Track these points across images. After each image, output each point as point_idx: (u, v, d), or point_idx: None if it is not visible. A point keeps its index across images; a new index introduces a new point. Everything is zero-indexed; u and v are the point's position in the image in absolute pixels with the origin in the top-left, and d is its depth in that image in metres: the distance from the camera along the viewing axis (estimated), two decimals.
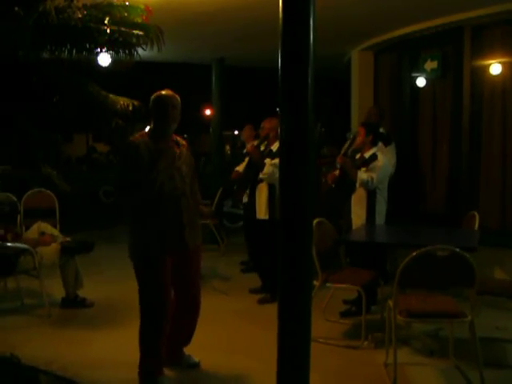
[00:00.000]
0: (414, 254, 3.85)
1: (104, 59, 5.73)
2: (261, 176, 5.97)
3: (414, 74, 7.40)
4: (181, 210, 3.94)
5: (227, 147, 17.77)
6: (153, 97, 3.98)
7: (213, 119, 9.99)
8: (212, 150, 10.04)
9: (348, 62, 8.97)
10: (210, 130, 10.05)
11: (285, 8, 3.32)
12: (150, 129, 3.98)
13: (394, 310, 3.97)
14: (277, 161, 5.79)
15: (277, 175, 5.77)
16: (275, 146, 5.94)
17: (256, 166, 6.05)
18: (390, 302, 4.07)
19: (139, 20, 4.20)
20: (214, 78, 9.53)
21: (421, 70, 7.24)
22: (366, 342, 4.75)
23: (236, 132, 20.63)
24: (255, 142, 6.39)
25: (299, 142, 3.23)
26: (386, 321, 4.30)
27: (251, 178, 6.09)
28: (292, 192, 3.24)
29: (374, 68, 8.27)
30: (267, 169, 5.89)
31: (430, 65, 7.09)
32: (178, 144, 4.05)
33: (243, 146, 7.43)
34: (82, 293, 5.86)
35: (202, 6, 6.15)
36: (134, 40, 3.96)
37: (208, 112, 17.85)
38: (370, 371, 4.30)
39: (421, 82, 7.34)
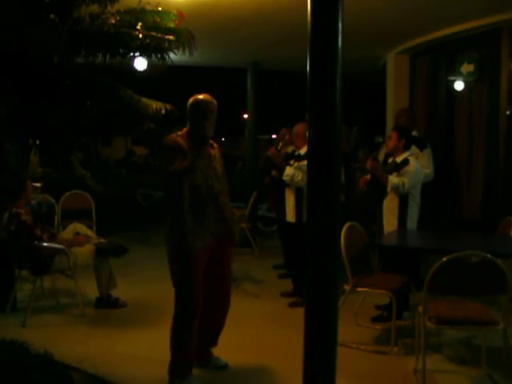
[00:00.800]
0: (444, 259, 3.81)
1: (140, 63, 5.84)
2: (283, 178, 6.00)
3: (450, 77, 7.31)
4: (221, 208, 4.05)
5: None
6: (190, 101, 4.07)
7: (248, 123, 10.02)
8: (247, 154, 10.07)
9: (384, 66, 8.91)
10: (246, 133, 10.09)
11: (313, 11, 3.32)
12: (186, 131, 4.08)
13: (424, 315, 3.93)
14: (302, 163, 5.81)
15: (298, 178, 5.80)
16: (304, 150, 5.95)
17: (281, 169, 6.10)
18: (420, 308, 4.02)
19: (172, 25, 4.27)
20: (249, 82, 9.56)
21: (457, 73, 7.15)
22: (395, 348, 4.70)
23: (274, 136, 20.66)
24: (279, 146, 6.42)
25: (327, 145, 3.23)
26: (416, 327, 4.26)
27: (280, 182, 6.11)
28: (319, 195, 3.25)
29: (409, 71, 8.19)
30: (288, 170, 5.92)
31: (467, 68, 6.99)
32: (212, 146, 4.15)
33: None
34: (115, 293, 5.95)
35: (235, 11, 6.19)
36: (166, 45, 4.01)
37: (246, 116, 17.96)
38: (399, 377, 4.26)
39: (457, 85, 7.25)
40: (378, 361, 4.57)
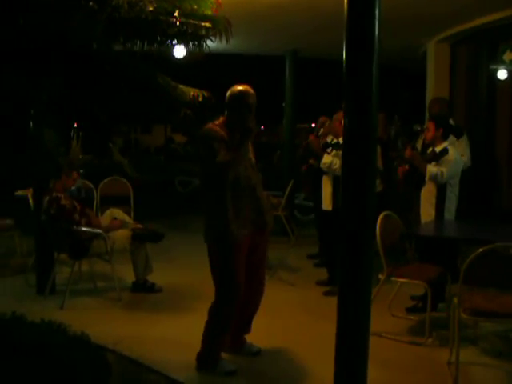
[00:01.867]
0: (480, 250, 3.75)
1: (179, 51, 5.87)
2: (320, 165, 5.98)
3: (492, 66, 7.15)
4: (258, 197, 4.09)
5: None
6: (229, 92, 4.10)
7: (285, 111, 9.99)
8: (284, 143, 10.04)
9: (424, 55, 8.76)
10: (283, 122, 10.06)
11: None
12: (224, 120, 4.10)
13: (459, 307, 3.88)
14: (339, 152, 5.78)
15: (336, 166, 5.77)
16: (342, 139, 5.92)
17: (317, 156, 6.08)
18: (455, 299, 3.97)
19: (209, 12, 4.25)
20: (287, 70, 9.51)
21: (499, 62, 6.99)
22: (430, 339, 4.66)
23: (313, 125, 20.55)
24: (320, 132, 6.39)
25: (362, 134, 3.21)
26: (450, 318, 4.21)
27: (317, 170, 6.09)
28: (354, 183, 3.23)
29: (450, 60, 8.04)
30: (326, 158, 5.90)
31: (510, 56, 6.83)
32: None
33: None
34: (151, 278, 6.04)
35: None
36: (203, 32, 4.00)
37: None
38: (432, 369, 4.22)
39: (499, 73, 7.09)
40: (412, 352, 4.53)
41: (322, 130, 6.31)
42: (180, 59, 6.11)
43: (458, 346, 3.88)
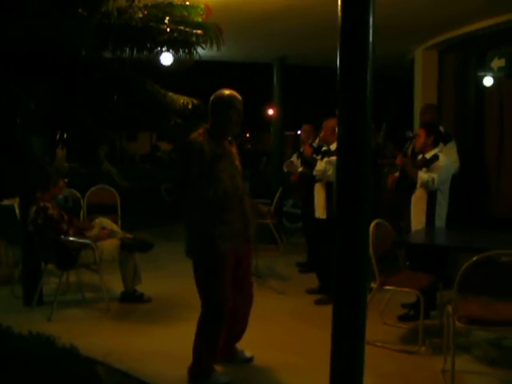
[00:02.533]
0: (475, 258, 3.72)
1: (166, 58, 5.82)
2: (314, 173, 5.95)
3: (481, 73, 7.18)
4: (245, 208, 3.99)
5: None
6: (213, 96, 4.00)
7: (274, 118, 9.97)
8: (273, 150, 10.01)
9: (411, 62, 8.78)
10: (271, 129, 10.04)
11: (343, 5, 3.26)
12: (208, 128, 3.99)
13: (453, 315, 3.85)
14: (332, 158, 5.76)
15: (329, 172, 5.75)
16: (334, 146, 5.90)
17: (311, 164, 6.05)
18: (449, 308, 3.95)
19: (199, 19, 4.21)
20: (275, 77, 9.49)
21: (487, 69, 7.02)
22: (423, 348, 4.63)
23: (299, 132, 20.57)
24: (310, 141, 6.39)
25: (357, 141, 3.18)
26: (444, 326, 4.18)
27: (309, 177, 6.06)
28: (349, 192, 3.20)
29: (438, 67, 8.06)
30: (319, 165, 5.87)
31: (498, 63, 6.86)
32: (230, 143, 4.10)
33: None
34: (140, 288, 5.96)
35: (264, 5, 6.15)
36: (194, 39, 3.96)
37: (271, 112, 17.87)
38: (427, 377, 4.19)
39: (487, 80, 7.11)
40: (405, 360, 4.50)
41: (316, 140, 6.29)
42: (167, 67, 6.05)
43: (453, 354, 3.84)
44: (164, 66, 5.55)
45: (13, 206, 6.18)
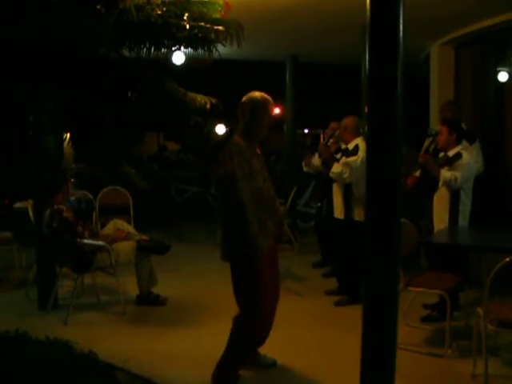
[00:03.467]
0: (508, 259, 3.61)
1: (178, 57, 5.71)
2: (330, 175, 5.83)
3: (500, 68, 7.04)
4: (277, 209, 3.95)
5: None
6: (246, 98, 3.90)
7: (286, 117, 9.86)
8: (286, 149, 9.90)
9: (426, 58, 8.65)
10: (284, 128, 9.93)
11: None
12: (241, 129, 3.89)
13: (485, 318, 3.74)
14: (349, 159, 5.65)
15: (346, 175, 5.62)
16: (352, 145, 5.79)
17: (326, 164, 5.94)
18: (480, 310, 3.83)
19: (218, 16, 4.12)
20: (287, 76, 9.39)
21: (507, 64, 6.88)
22: (449, 351, 4.51)
23: (306, 130, 20.45)
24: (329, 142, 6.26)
25: (388, 140, 3.07)
26: (472, 328, 4.07)
27: (325, 177, 5.95)
28: (380, 192, 3.09)
29: (454, 63, 7.92)
30: (336, 168, 5.74)
31: None
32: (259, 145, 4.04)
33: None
34: (155, 290, 5.87)
35: (280, 2, 6.06)
36: (213, 36, 3.87)
37: (277, 110, 17.75)
38: (456, 382, 4.08)
39: (508, 75, 6.96)
40: (432, 363, 4.38)
41: (331, 140, 6.16)
42: (183, 65, 5.96)
43: (486, 358, 3.73)
44: (179, 65, 5.46)
45: (26, 209, 6.09)
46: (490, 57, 7.18)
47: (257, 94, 3.90)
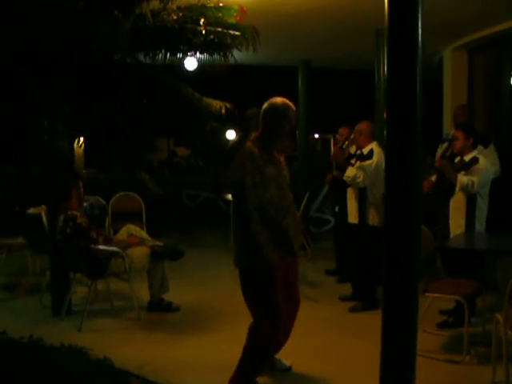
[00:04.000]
0: None
1: (191, 63, 5.70)
2: (344, 178, 5.80)
3: None
4: (288, 221, 3.84)
5: None
6: (267, 105, 3.86)
7: (298, 122, 9.83)
8: (299, 154, 9.88)
9: (439, 62, 8.60)
10: (297, 133, 9.91)
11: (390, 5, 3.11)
12: (258, 136, 3.85)
13: (505, 324, 3.69)
14: (364, 163, 5.62)
15: (359, 179, 5.59)
16: (367, 149, 5.77)
17: (341, 168, 5.91)
18: (499, 316, 3.78)
19: (233, 21, 4.11)
20: (300, 81, 9.38)
21: None
22: (467, 357, 4.45)
23: (316, 135, 20.40)
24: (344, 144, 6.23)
25: (407, 145, 3.04)
26: (490, 335, 4.02)
27: (339, 181, 5.92)
28: (399, 197, 3.06)
29: (467, 67, 7.88)
30: (350, 172, 5.71)
31: None
32: (279, 152, 3.98)
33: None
34: (168, 296, 5.84)
35: (294, 8, 6.05)
36: (229, 41, 3.86)
37: None
38: None
39: None
40: (451, 370, 4.33)
41: (346, 142, 6.13)
42: (196, 71, 5.96)
43: (507, 365, 3.68)
44: (194, 70, 5.45)
45: (40, 215, 6.09)
46: (503, 61, 7.12)
47: (278, 100, 3.85)
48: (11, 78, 3.20)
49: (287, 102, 3.87)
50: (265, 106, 3.85)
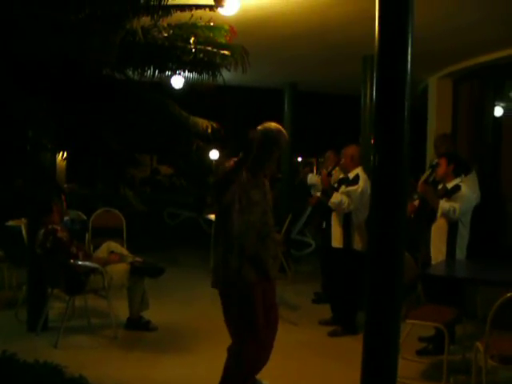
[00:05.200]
0: (510, 294, 3.57)
1: (177, 81, 5.69)
2: (329, 204, 5.79)
3: (498, 103, 7.09)
4: (268, 245, 3.85)
5: None
6: (262, 129, 3.87)
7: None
8: (283, 176, 9.88)
9: (423, 91, 8.70)
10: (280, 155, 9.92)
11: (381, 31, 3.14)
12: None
13: (485, 353, 3.68)
14: (349, 189, 5.63)
15: (344, 205, 5.59)
16: (352, 174, 5.79)
17: (326, 193, 5.91)
18: (479, 344, 3.78)
19: (223, 40, 4.10)
20: (286, 103, 9.42)
21: (505, 99, 6.93)
22: None
23: (299, 159, 20.48)
24: (338, 174, 6.25)
25: (393, 171, 3.05)
26: (470, 363, 4.01)
27: (326, 206, 5.91)
28: (384, 223, 3.06)
29: (452, 96, 7.97)
30: (335, 197, 5.71)
31: None
32: (265, 176, 4.00)
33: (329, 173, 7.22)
34: (147, 315, 5.77)
35: (283, 30, 6.09)
36: (219, 60, 3.84)
37: None
38: None
39: (506, 110, 7.01)
40: None
41: (336, 167, 6.14)
42: (183, 89, 5.94)
43: None
44: (180, 89, 5.43)
45: (20, 227, 6.00)
46: (487, 91, 7.23)
47: (272, 125, 3.87)
48: None
49: (280, 128, 3.89)
50: (260, 130, 3.84)
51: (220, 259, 3.79)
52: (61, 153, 3.81)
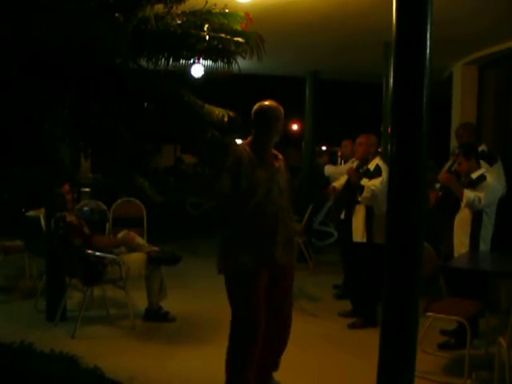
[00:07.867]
0: None
1: (197, 70, 5.63)
2: (359, 199, 5.65)
3: None
4: (277, 226, 3.76)
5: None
6: (255, 107, 3.89)
7: (305, 133, 9.76)
8: (304, 166, 9.78)
9: (448, 78, 8.50)
10: (302, 144, 9.83)
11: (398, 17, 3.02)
12: (250, 140, 3.89)
13: (508, 348, 3.57)
14: (375, 182, 5.49)
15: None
16: (372, 165, 5.66)
17: (354, 188, 5.76)
18: (502, 340, 3.66)
19: (238, 28, 4.01)
20: (307, 92, 9.31)
21: None
22: (469, 381, 4.31)
23: (324, 148, 20.32)
24: (354, 164, 6.11)
25: (412, 162, 2.94)
26: (493, 358, 3.90)
27: (349, 200, 5.77)
28: (403, 215, 2.96)
29: (478, 83, 7.77)
30: (366, 192, 5.56)
31: None
32: (276, 158, 3.93)
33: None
34: (166, 305, 5.75)
35: (302, 17, 5.97)
36: (233, 47, 3.76)
37: (295, 127, 17.65)
38: None
39: None
40: None
41: (365, 167, 5.94)
42: (201, 78, 5.88)
43: None
44: (198, 77, 5.38)
45: (38, 217, 6.01)
46: None
47: (262, 104, 3.89)
48: (11, 79, 3.12)
49: (274, 103, 3.89)
50: (254, 109, 3.89)
51: (219, 241, 3.80)
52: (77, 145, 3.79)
